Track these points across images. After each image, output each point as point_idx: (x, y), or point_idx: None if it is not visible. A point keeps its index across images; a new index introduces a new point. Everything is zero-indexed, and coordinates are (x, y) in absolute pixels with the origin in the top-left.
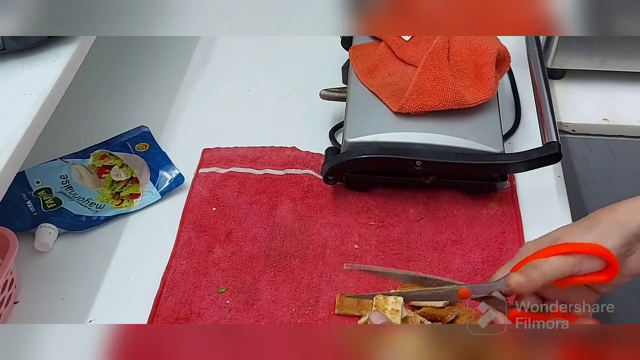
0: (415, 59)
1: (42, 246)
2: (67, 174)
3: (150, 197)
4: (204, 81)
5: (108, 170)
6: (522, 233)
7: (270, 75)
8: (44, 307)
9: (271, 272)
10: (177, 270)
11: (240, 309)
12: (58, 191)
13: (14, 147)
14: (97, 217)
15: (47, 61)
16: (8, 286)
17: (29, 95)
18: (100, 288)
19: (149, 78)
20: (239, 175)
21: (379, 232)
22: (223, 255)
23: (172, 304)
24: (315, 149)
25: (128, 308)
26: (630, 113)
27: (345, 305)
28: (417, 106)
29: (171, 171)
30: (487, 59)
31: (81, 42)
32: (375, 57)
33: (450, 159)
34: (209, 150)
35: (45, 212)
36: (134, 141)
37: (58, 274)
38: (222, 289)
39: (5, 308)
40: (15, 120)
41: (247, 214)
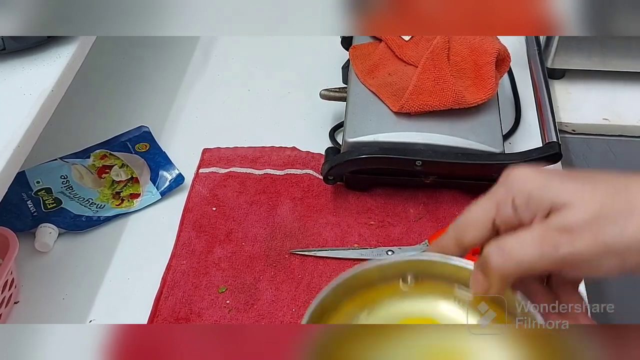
0: (415, 59)
1: (43, 246)
2: (68, 174)
3: (151, 197)
4: (204, 81)
5: (108, 170)
6: None
7: (270, 75)
8: (44, 307)
9: (271, 272)
10: (177, 270)
11: (240, 309)
12: (58, 191)
13: (14, 147)
14: (98, 217)
15: (47, 61)
16: (8, 286)
17: (29, 95)
18: (100, 288)
19: (149, 78)
20: (239, 175)
21: (379, 232)
22: (223, 255)
23: (172, 304)
24: (315, 149)
25: (128, 308)
26: (631, 113)
27: None
28: (417, 106)
29: (171, 171)
30: (487, 59)
31: (81, 42)
32: (375, 57)
33: (451, 158)
34: (209, 150)
35: (45, 212)
36: (134, 141)
37: (58, 274)
38: (222, 289)
39: (6, 308)
40: (15, 120)
41: (247, 214)
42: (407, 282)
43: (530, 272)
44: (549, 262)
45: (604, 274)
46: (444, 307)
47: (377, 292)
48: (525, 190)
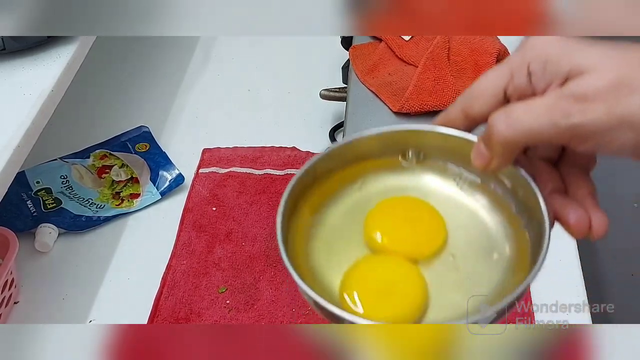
0: (415, 59)
1: (42, 246)
2: (67, 174)
3: (150, 197)
4: (204, 81)
5: (108, 170)
6: None
7: (270, 75)
8: (44, 307)
9: (271, 272)
10: (177, 270)
11: (240, 309)
12: (58, 191)
13: (14, 147)
14: (97, 217)
15: (47, 61)
16: (8, 286)
17: (29, 95)
18: (100, 288)
19: (149, 78)
20: (239, 175)
21: None
22: (223, 255)
23: (172, 304)
24: (315, 149)
25: (128, 308)
26: None
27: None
28: (417, 106)
29: (171, 171)
30: (488, 59)
31: (81, 42)
32: (375, 56)
33: None
34: (209, 150)
35: (45, 212)
36: (134, 141)
37: (58, 274)
38: (222, 289)
39: (5, 308)
40: (15, 120)
41: (247, 214)
42: (407, 158)
43: (537, 141)
44: (558, 131)
45: (617, 149)
46: (443, 187)
47: (374, 165)
48: (543, 56)
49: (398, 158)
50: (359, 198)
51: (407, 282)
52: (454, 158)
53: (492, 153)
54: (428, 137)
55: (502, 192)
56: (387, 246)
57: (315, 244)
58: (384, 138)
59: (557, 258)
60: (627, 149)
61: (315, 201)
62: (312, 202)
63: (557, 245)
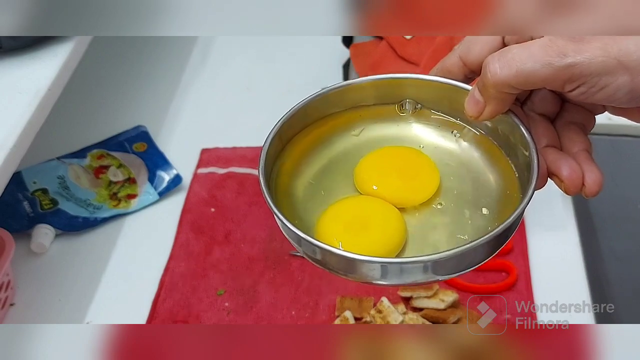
0: (416, 58)
1: (39, 247)
2: (64, 174)
3: (148, 197)
4: (202, 80)
5: (105, 171)
6: (525, 234)
7: (270, 75)
8: (41, 309)
9: (270, 274)
10: (175, 272)
11: (239, 311)
12: (55, 192)
13: (10, 147)
14: (94, 218)
15: (44, 60)
16: (4, 288)
17: (25, 95)
18: (97, 290)
19: (146, 77)
20: (238, 176)
21: None
22: (222, 256)
23: (170, 306)
24: None
25: (125, 310)
26: None
27: (346, 308)
28: None
29: (169, 171)
30: None
31: (78, 41)
32: (376, 55)
33: None
34: (208, 150)
35: (41, 213)
36: (131, 141)
37: (55, 275)
38: (220, 291)
39: (2, 310)
40: (11, 120)
41: (246, 215)
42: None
43: (531, 84)
44: (553, 72)
45: (613, 92)
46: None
47: (371, 112)
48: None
49: (395, 108)
50: (353, 145)
51: (384, 219)
52: (450, 108)
53: (486, 98)
54: (424, 86)
55: (498, 143)
56: (374, 190)
57: (300, 181)
58: (379, 85)
59: (560, 258)
60: (622, 93)
61: (305, 143)
62: (302, 144)
63: (560, 246)
